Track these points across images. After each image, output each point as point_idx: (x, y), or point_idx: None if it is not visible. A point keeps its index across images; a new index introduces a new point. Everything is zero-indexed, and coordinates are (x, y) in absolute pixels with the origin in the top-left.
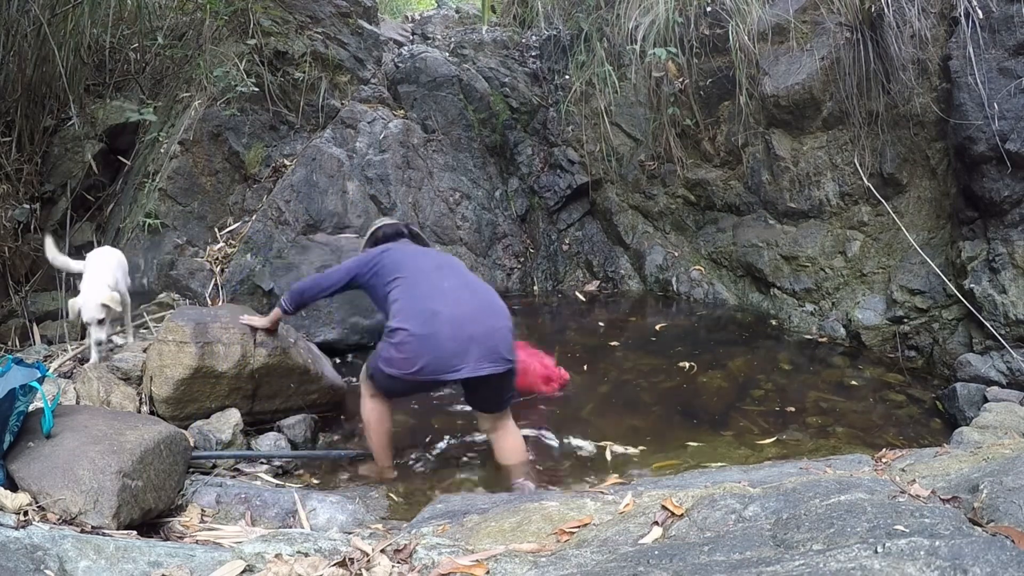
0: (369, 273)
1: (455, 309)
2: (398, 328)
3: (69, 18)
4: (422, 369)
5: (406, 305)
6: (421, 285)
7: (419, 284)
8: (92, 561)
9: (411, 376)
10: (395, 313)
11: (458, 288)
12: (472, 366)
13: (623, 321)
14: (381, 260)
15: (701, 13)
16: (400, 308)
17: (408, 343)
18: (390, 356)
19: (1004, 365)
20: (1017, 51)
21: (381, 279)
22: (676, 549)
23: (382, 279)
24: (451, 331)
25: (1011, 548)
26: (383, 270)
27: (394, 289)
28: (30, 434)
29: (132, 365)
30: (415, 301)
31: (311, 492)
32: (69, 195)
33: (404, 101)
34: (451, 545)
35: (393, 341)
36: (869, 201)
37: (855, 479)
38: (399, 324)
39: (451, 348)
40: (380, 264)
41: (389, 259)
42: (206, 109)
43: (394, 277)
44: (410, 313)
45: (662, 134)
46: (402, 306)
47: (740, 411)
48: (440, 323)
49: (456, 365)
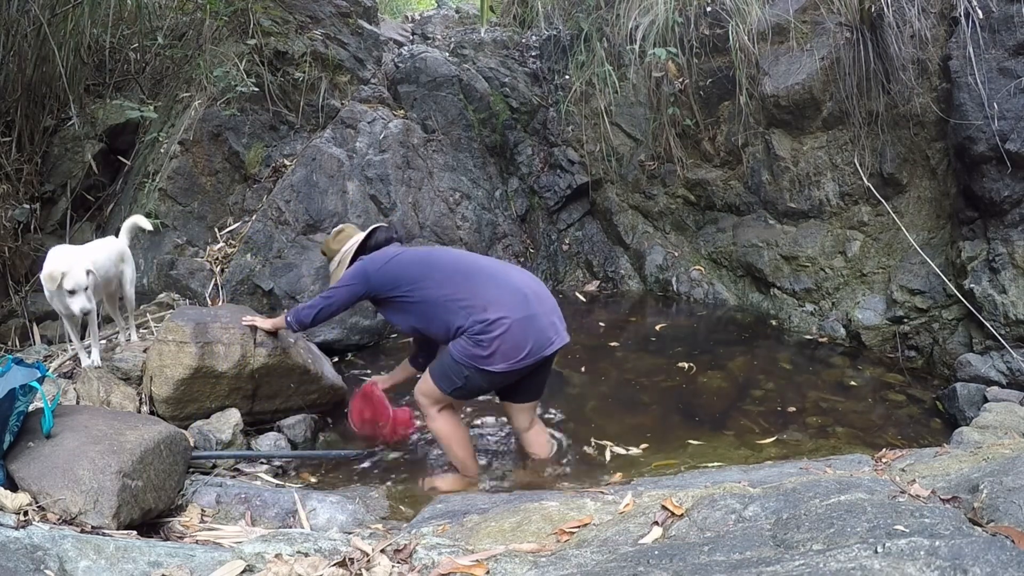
0: (390, 287)
1: (530, 286)
2: (498, 319)
3: (69, 18)
4: (529, 352)
5: (487, 296)
6: (479, 275)
7: (476, 275)
8: (92, 561)
9: (519, 364)
10: (476, 309)
11: (508, 267)
12: (560, 337)
13: (623, 321)
14: (405, 272)
15: (701, 13)
16: (482, 301)
17: (513, 330)
18: (494, 351)
19: (1004, 365)
20: (1017, 51)
21: (421, 290)
22: (676, 549)
23: (422, 290)
24: (540, 307)
25: (1011, 548)
26: (419, 280)
27: (447, 300)
28: (30, 434)
29: (132, 365)
30: (494, 289)
31: (311, 492)
32: (69, 195)
33: (404, 101)
34: (451, 545)
35: (495, 334)
36: (869, 201)
37: (855, 479)
38: (496, 315)
39: (544, 323)
40: (403, 276)
41: (416, 270)
42: (206, 109)
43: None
44: (501, 301)
45: (662, 134)
46: (483, 299)
47: (740, 411)
48: (531, 302)
49: (551, 339)
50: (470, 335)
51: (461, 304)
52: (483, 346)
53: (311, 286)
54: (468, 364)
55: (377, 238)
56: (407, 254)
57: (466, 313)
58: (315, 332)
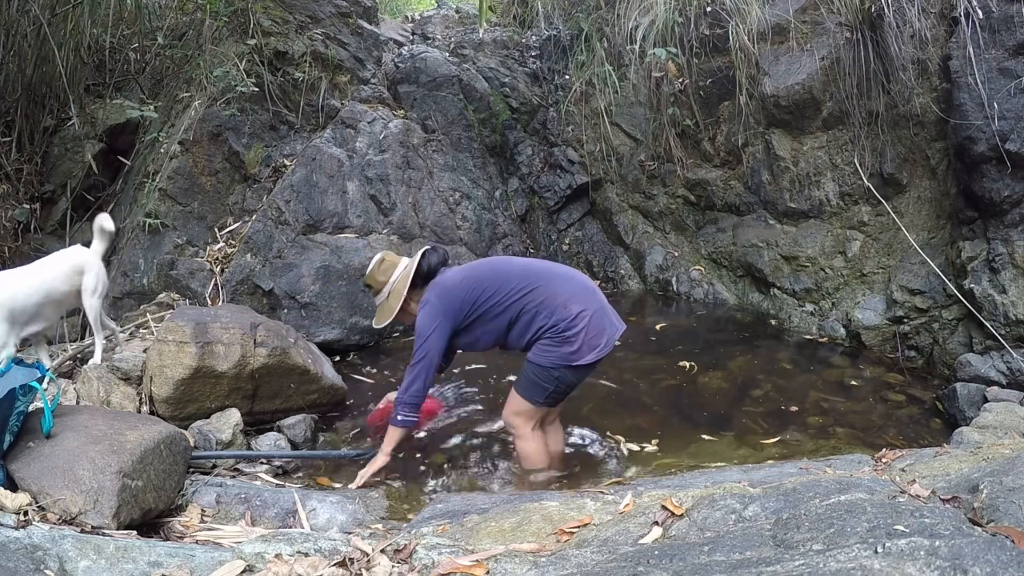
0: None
1: (587, 281)
2: (580, 312)
3: (69, 18)
4: (608, 341)
5: (563, 293)
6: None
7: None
8: (92, 561)
9: (603, 352)
10: (558, 307)
11: (560, 266)
12: (621, 324)
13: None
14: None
15: (701, 13)
16: (561, 299)
17: (593, 321)
18: (581, 344)
19: (1004, 365)
20: (1017, 51)
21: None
22: (676, 549)
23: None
24: (601, 300)
25: (1011, 548)
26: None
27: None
28: (30, 434)
29: (132, 365)
30: (567, 285)
31: (311, 492)
32: (69, 195)
33: (404, 101)
34: (451, 545)
35: (579, 327)
36: (869, 201)
37: (855, 479)
38: (577, 308)
39: (611, 312)
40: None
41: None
42: (206, 109)
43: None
44: (577, 296)
45: (662, 134)
46: (561, 296)
47: (740, 411)
48: (597, 294)
49: (617, 326)
50: (555, 333)
51: (543, 305)
52: (571, 342)
53: (311, 286)
54: (557, 365)
55: (430, 262)
56: (473, 271)
57: (548, 312)
58: (315, 332)
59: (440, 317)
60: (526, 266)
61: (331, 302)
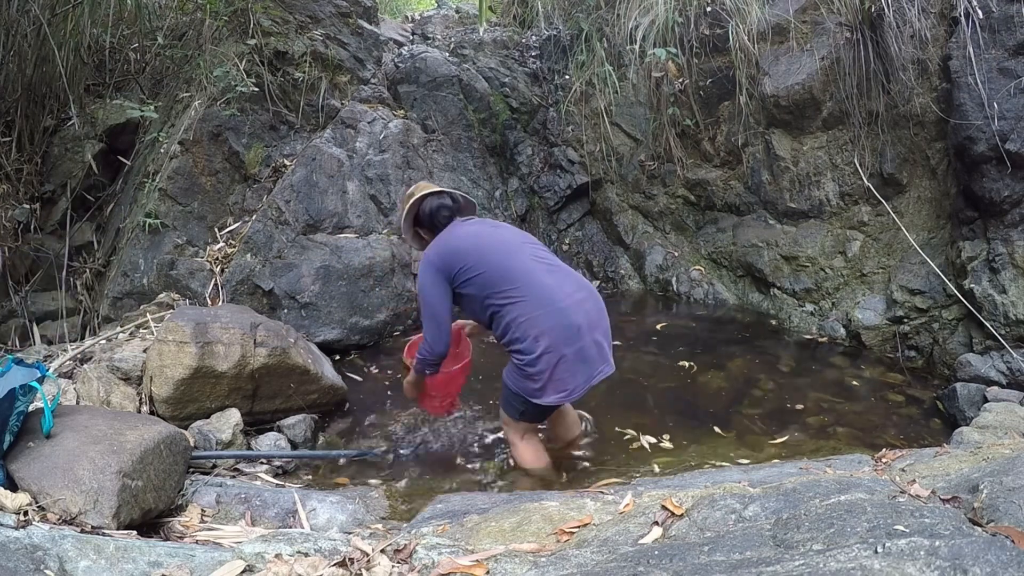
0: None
1: (581, 305)
2: (543, 350)
3: (69, 18)
4: (578, 387)
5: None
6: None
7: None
8: (92, 561)
9: (569, 397)
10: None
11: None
12: (608, 365)
13: (623, 321)
14: (465, 278)
15: (701, 13)
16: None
17: (562, 364)
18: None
19: (1004, 365)
20: (1017, 51)
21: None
22: (676, 549)
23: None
24: (588, 334)
25: (1011, 548)
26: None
27: (506, 304)
28: (30, 434)
29: (132, 365)
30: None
31: (311, 492)
32: (69, 195)
33: (404, 101)
34: (451, 545)
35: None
36: (869, 201)
37: (855, 479)
38: (544, 345)
39: (593, 354)
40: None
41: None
42: (206, 109)
43: (499, 290)
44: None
45: (662, 134)
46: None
47: (740, 411)
48: (582, 332)
49: (598, 369)
50: (520, 365)
51: (516, 323)
52: (533, 379)
53: (311, 286)
54: (519, 395)
55: (429, 207)
56: (477, 246)
57: (520, 334)
58: (315, 332)
59: (433, 273)
60: (527, 269)
61: (331, 302)
